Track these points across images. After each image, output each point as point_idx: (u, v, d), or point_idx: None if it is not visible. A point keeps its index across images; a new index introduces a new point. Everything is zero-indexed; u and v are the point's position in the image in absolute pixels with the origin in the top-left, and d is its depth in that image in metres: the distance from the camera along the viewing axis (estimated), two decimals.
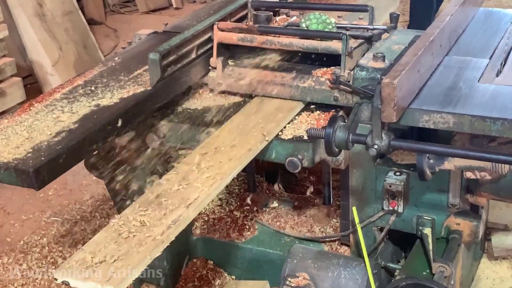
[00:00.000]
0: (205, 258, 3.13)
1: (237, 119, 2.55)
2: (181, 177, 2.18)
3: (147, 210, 2.01)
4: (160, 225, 1.94)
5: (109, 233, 1.92)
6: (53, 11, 5.68)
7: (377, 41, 2.75)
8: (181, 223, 1.95)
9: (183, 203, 2.03)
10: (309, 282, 2.57)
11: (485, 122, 2.19)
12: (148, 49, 2.70)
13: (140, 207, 2.03)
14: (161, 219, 1.96)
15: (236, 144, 2.36)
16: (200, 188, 2.10)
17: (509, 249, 3.25)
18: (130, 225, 1.94)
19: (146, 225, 1.94)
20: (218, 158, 2.28)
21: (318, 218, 3.16)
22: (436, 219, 2.57)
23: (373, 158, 2.54)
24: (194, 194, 2.08)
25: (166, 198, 2.06)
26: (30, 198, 4.04)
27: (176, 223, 1.95)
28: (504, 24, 2.99)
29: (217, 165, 2.24)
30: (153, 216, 1.98)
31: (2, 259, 3.51)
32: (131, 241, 1.87)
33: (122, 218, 1.98)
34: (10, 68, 4.75)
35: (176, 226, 1.94)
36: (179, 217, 1.97)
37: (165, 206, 2.03)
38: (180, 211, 2.00)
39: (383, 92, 2.13)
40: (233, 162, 2.26)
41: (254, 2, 3.02)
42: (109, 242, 1.88)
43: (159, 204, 2.04)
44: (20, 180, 2.02)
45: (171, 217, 1.97)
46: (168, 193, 2.10)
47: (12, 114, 2.39)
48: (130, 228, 1.93)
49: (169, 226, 1.93)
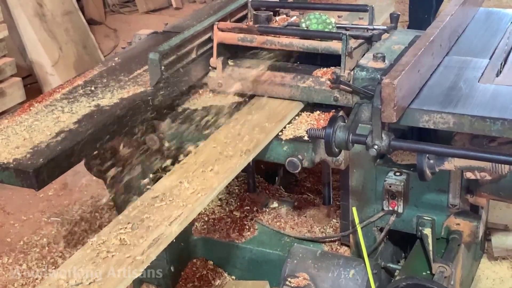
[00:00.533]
0: (205, 258, 3.13)
1: (223, 131, 2.49)
2: (164, 192, 2.11)
3: (128, 228, 1.94)
4: (141, 244, 1.87)
5: (87, 253, 1.85)
6: (53, 11, 5.68)
7: (377, 41, 2.75)
8: (163, 242, 1.88)
9: (166, 220, 1.96)
10: (309, 282, 2.57)
11: (485, 122, 2.19)
12: (148, 49, 2.70)
13: (120, 224, 1.96)
14: (142, 238, 1.89)
15: (222, 158, 2.29)
16: (184, 204, 2.03)
17: (509, 249, 3.25)
18: (109, 244, 1.87)
19: (126, 244, 1.87)
20: (203, 172, 2.21)
21: (318, 218, 3.15)
22: (436, 219, 2.57)
23: (373, 158, 2.54)
24: (178, 210, 2.00)
25: (149, 215, 1.99)
26: (30, 198, 4.04)
27: (158, 241, 1.87)
28: (504, 24, 2.99)
29: (202, 179, 2.16)
30: (134, 234, 1.91)
31: (2, 259, 3.50)
32: (110, 261, 1.81)
33: (101, 236, 1.91)
34: (10, 68, 4.75)
35: (158, 245, 1.86)
36: (161, 235, 1.90)
37: (147, 223, 1.95)
38: (162, 228, 1.92)
39: (383, 92, 2.13)
40: (219, 176, 2.18)
41: (254, 2, 3.02)
42: (86, 262, 1.81)
43: (141, 221, 1.97)
44: (20, 180, 2.02)
45: (152, 235, 1.90)
46: (151, 209, 2.02)
47: (12, 114, 2.39)
48: (109, 248, 1.86)
49: (150, 245, 1.86)
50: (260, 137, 2.42)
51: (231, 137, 2.43)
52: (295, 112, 2.60)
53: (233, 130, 2.48)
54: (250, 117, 2.57)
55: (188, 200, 2.05)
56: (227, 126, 2.52)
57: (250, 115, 2.59)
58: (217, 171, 2.22)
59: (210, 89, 2.78)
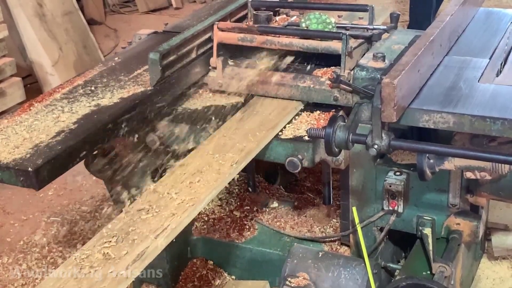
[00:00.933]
0: (205, 258, 3.13)
1: (213, 140, 2.43)
2: (151, 204, 2.04)
3: (112, 241, 1.88)
4: (125, 258, 1.81)
5: (69, 268, 1.80)
6: (53, 11, 5.67)
7: (377, 41, 2.75)
8: (149, 256, 1.83)
9: (152, 233, 1.90)
10: (309, 282, 2.57)
11: (485, 122, 2.19)
12: (148, 49, 2.70)
13: (105, 237, 1.90)
14: (127, 252, 1.84)
15: (211, 168, 2.23)
16: (171, 216, 1.96)
17: (509, 249, 3.25)
18: (93, 259, 1.82)
19: (110, 259, 1.81)
20: (192, 183, 2.14)
21: (318, 218, 3.15)
22: (436, 219, 2.57)
23: (373, 158, 2.54)
24: (164, 222, 1.94)
25: (134, 227, 1.93)
26: (30, 198, 4.04)
27: (143, 255, 1.82)
28: (504, 24, 2.99)
29: (190, 190, 2.09)
30: (119, 247, 1.85)
31: (2, 259, 3.50)
32: (92, 277, 1.76)
33: (85, 250, 1.85)
34: (10, 68, 4.74)
35: (143, 260, 1.81)
36: (146, 249, 1.84)
37: (132, 236, 1.89)
38: (148, 242, 1.87)
39: (383, 92, 2.13)
40: (208, 187, 2.11)
41: (254, 2, 3.02)
42: (68, 279, 1.76)
43: (126, 234, 1.91)
44: (20, 180, 2.02)
45: (137, 249, 1.84)
46: (137, 221, 1.96)
47: (12, 114, 2.39)
48: (92, 263, 1.80)
49: (135, 259, 1.81)
50: (251, 146, 2.36)
51: (221, 146, 2.36)
52: (288, 119, 2.54)
53: (223, 139, 2.41)
54: (241, 125, 2.51)
55: (175, 212, 1.98)
56: (216, 135, 2.46)
57: (241, 122, 2.53)
58: (206, 181, 2.14)
59: (210, 89, 2.78)
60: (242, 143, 2.37)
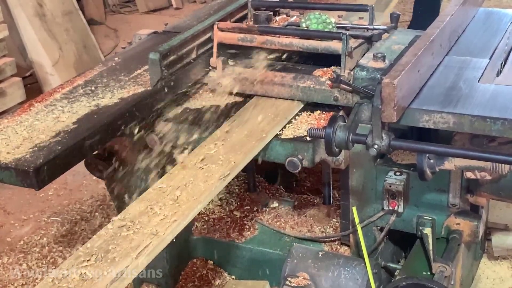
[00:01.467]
0: (205, 258, 3.13)
1: (199, 152, 2.34)
2: (133, 220, 1.96)
3: (91, 260, 1.80)
4: (104, 278, 1.74)
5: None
6: (53, 11, 5.68)
7: (377, 41, 2.75)
8: (128, 276, 1.76)
9: (133, 251, 1.82)
10: (309, 282, 2.57)
11: (485, 122, 2.19)
12: (148, 49, 2.70)
13: (83, 256, 1.82)
14: (105, 271, 1.76)
15: (196, 182, 2.14)
16: (153, 233, 1.89)
17: (509, 249, 3.25)
18: (69, 279, 1.74)
19: (87, 279, 1.74)
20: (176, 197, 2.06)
21: (318, 218, 3.15)
22: (436, 219, 2.57)
23: (373, 158, 2.54)
24: (146, 240, 1.86)
25: (114, 245, 1.85)
26: (30, 198, 4.04)
27: (122, 275, 1.75)
28: (504, 24, 2.99)
29: (174, 205, 2.02)
30: (97, 266, 1.78)
31: (2, 259, 3.51)
32: None
33: (62, 270, 1.78)
34: (10, 68, 4.75)
35: (122, 280, 1.74)
36: (126, 269, 1.77)
37: (112, 255, 1.81)
38: (128, 260, 1.80)
39: (383, 92, 2.13)
40: (193, 201, 2.03)
41: (254, 2, 3.02)
42: None
43: (105, 252, 1.83)
44: (20, 180, 2.02)
45: (117, 268, 1.77)
46: (117, 238, 1.88)
47: (12, 114, 2.39)
48: (68, 283, 1.73)
49: (114, 279, 1.74)
50: (238, 158, 2.27)
51: (207, 158, 2.28)
52: (277, 129, 2.47)
53: (209, 151, 2.33)
54: (228, 135, 2.43)
55: (158, 229, 1.90)
56: (202, 147, 2.37)
57: (229, 133, 2.45)
58: (191, 195, 2.06)
59: (210, 89, 2.78)
60: (229, 155, 2.28)
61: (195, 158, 2.29)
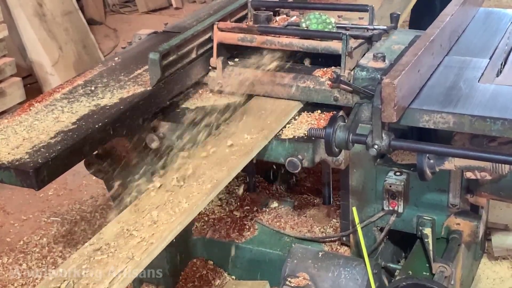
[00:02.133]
0: (205, 258, 3.12)
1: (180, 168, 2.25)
2: (108, 242, 1.88)
3: (62, 286, 1.73)
4: None
5: None
6: (53, 11, 5.68)
7: (377, 41, 2.74)
8: None
9: (107, 276, 1.73)
10: (309, 282, 2.56)
11: (485, 122, 2.19)
12: (148, 49, 2.70)
13: (55, 281, 1.74)
14: None
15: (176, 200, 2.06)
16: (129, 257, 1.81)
17: (509, 249, 3.25)
18: None
19: None
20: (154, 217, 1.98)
21: (318, 218, 3.15)
22: (436, 219, 2.57)
23: (373, 158, 2.54)
24: (121, 264, 1.78)
25: (88, 270, 1.77)
26: (30, 198, 4.04)
27: None
28: (504, 24, 2.99)
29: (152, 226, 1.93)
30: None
31: (2, 259, 3.50)
32: None
33: None
34: (10, 68, 4.75)
35: None
36: None
37: (85, 281, 1.73)
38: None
39: (383, 92, 2.13)
40: (173, 222, 1.93)
41: (254, 2, 3.02)
42: None
43: (77, 278, 1.75)
44: (20, 180, 2.02)
45: None
46: (91, 263, 1.80)
47: (12, 114, 2.39)
48: None
49: None
50: (221, 175, 2.18)
51: (189, 176, 2.19)
52: (263, 144, 2.40)
53: (192, 167, 2.23)
54: (212, 150, 2.35)
55: (134, 253, 1.81)
56: (186, 162, 2.28)
57: (213, 148, 2.37)
58: (171, 215, 1.97)
59: (210, 89, 2.78)
60: (212, 171, 2.19)
61: (176, 173, 2.21)
